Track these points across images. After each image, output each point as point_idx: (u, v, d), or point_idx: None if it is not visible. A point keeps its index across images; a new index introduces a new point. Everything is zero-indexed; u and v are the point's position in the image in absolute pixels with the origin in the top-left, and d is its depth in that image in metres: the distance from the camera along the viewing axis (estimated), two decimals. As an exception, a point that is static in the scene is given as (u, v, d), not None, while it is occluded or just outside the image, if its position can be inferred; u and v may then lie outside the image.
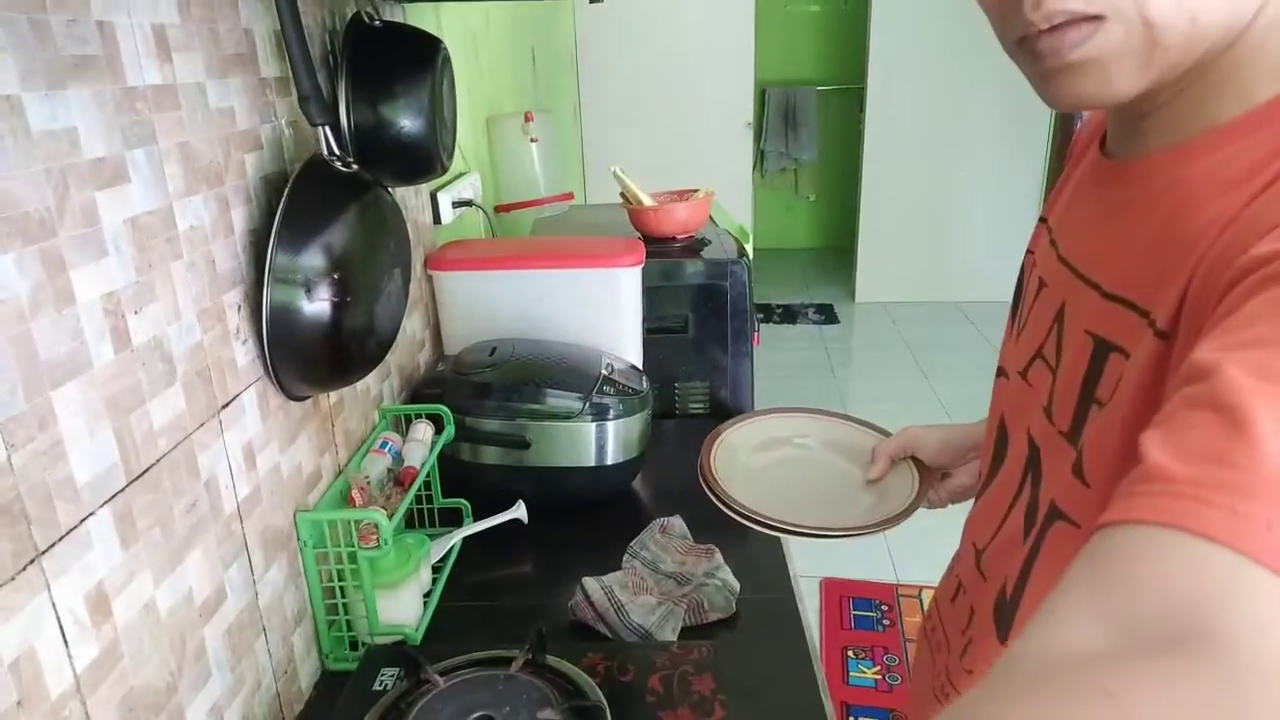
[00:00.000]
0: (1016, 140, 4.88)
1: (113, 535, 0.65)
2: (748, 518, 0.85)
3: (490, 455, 1.26)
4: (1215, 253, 0.47)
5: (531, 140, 2.23)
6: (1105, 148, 0.64)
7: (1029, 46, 0.54)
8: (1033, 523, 0.63)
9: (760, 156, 6.02)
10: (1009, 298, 0.78)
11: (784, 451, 0.99)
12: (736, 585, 1.08)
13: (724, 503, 0.87)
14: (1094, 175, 0.65)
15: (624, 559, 1.16)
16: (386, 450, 1.12)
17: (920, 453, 0.95)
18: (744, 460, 0.96)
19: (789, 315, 5.15)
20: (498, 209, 2.19)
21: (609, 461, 1.27)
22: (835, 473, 0.95)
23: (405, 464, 1.12)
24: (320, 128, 0.91)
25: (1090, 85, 0.54)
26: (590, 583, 1.05)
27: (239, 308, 0.85)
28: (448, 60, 1.20)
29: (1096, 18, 0.50)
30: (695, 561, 1.15)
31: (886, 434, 0.97)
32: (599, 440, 1.26)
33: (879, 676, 2.29)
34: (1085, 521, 0.55)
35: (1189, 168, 0.54)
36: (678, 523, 1.24)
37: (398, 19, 1.32)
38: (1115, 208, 0.60)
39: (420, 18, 1.56)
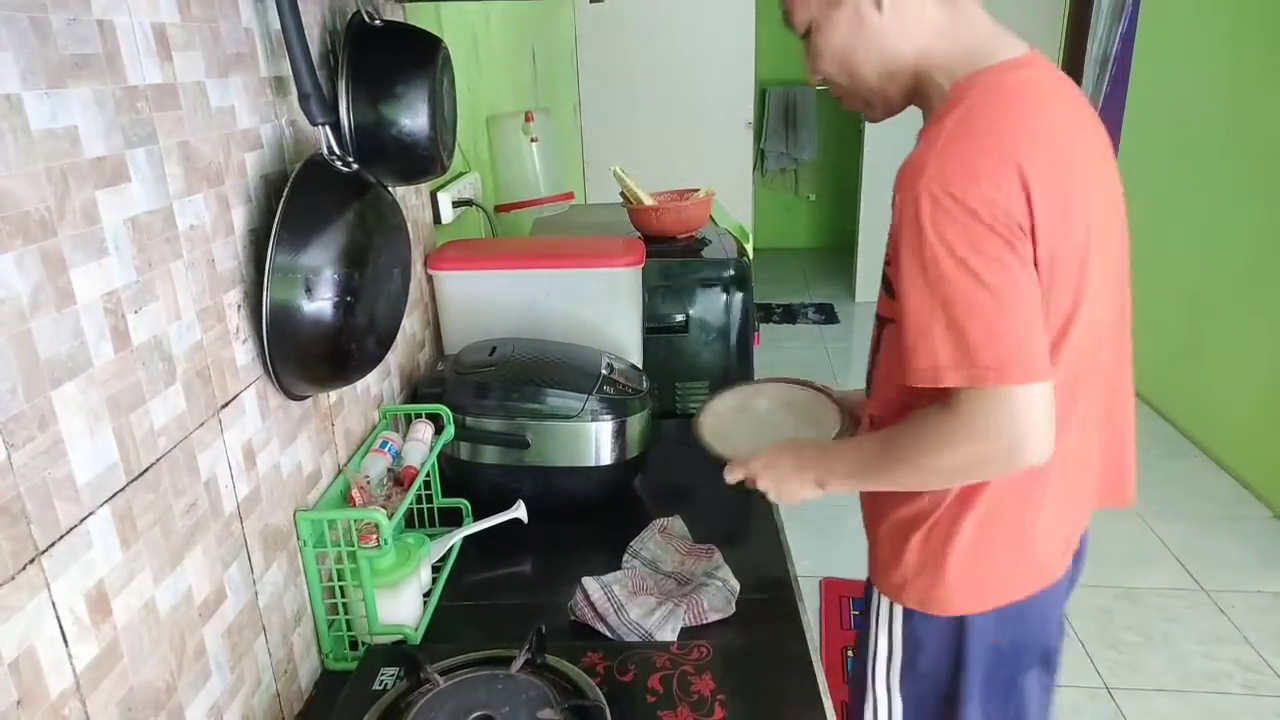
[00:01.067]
0: (1016, 140, 4.87)
1: (112, 535, 0.65)
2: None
3: (490, 455, 1.26)
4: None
5: (531, 140, 2.23)
6: None
7: None
8: (879, 329, 1.01)
9: (760, 156, 6.02)
10: None
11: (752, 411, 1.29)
12: (736, 585, 1.08)
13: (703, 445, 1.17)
14: None
15: (624, 559, 1.16)
16: (386, 450, 1.12)
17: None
18: (726, 418, 1.24)
19: (789, 315, 5.15)
20: (498, 208, 2.19)
21: (609, 461, 1.27)
22: (786, 426, 1.23)
23: (405, 464, 1.12)
24: (320, 127, 0.91)
25: (866, 113, 1.00)
26: (590, 583, 1.05)
27: (239, 307, 0.85)
28: (448, 59, 1.20)
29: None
30: (695, 561, 1.15)
31: (827, 392, 1.25)
32: (599, 440, 1.26)
33: (878, 676, 2.28)
34: (894, 316, 0.89)
35: (912, 154, 0.85)
36: (677, 523, 1.24)
37: (398, 18, 1.32)
38: None
39: (420, 17, 1.56)
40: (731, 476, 1.09)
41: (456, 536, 1.15)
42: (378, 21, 1.13)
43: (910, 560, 1.00)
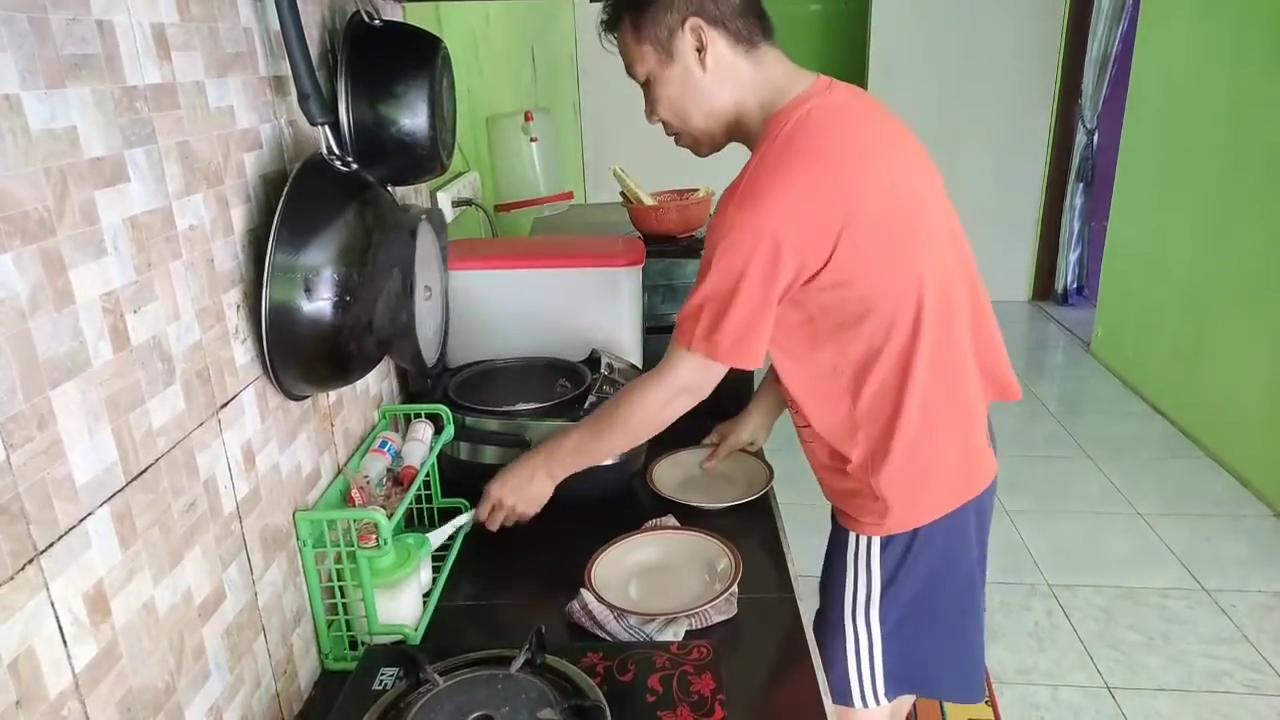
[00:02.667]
0: (1016, 140, 4.88)
1: (111, 535, 0.64)
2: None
3: (490, 455, 1.26)
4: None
5: (531, 139, 2.23)
6: None
7: None
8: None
9: (760, 156, 6.01)
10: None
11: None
12: (735, 586, 1.08)
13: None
14: None
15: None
16: (386, 450, 1.12)
17: (757, 442, 1.47)
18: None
19: (788, 315, 5.14)
20: (497, 208, 2.19)
21: (609, 462, 1.27)
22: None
23: (405, 464, 1.12)
24: (320, 127, 0.91)
25: (694, 150, 1.19)
26: (587, 595, 1.04)
27: (238, 307, 0.85)
28: (447, 59, 1.20)
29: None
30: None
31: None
32: (598, 440, 1.25)
33: (878, 676, 2.28)
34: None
35: (736, 180, 1.06)
36: (670, 523, 1.24)
37: (398, 18, 1.32)
38: None
39: (420, 17, 1.56)
40: (482, 515, 1.20)
41: (447, 528, 1.15)
42: (377, 21, 1.13)
43: (864, 493, 1.14)
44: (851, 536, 1.18)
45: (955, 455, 1.16)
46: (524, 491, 1.18)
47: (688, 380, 1.08)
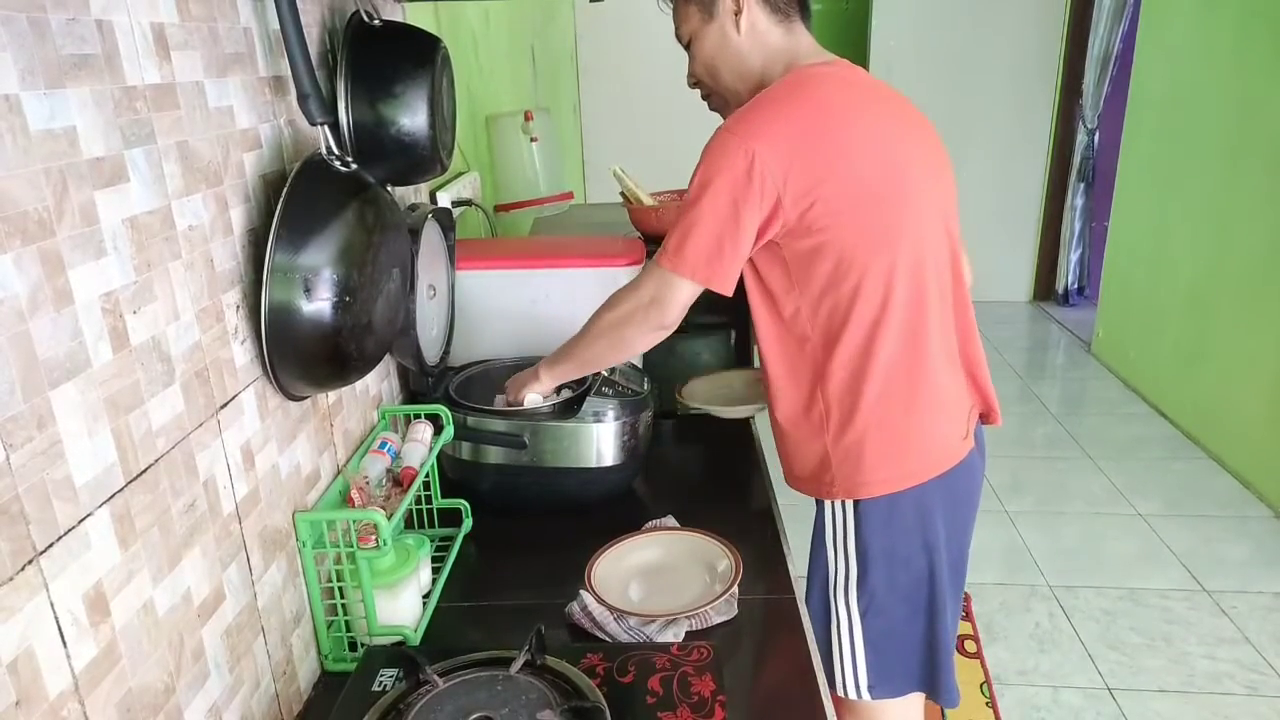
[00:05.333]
0: (1017, 140, 4.88)
1: (111, 535, 0.64)
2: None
3: (490, 455, 1.26)
4: None
5: (531, 139, 2.23)
6: None
7: None
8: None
9: (761, 156, 6.01)
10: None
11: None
12: (735, 587, 1.08)
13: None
14: None
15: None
16: (385, 450, 1.12)
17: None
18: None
19: (789, 315, 5.14)
20: (497, 208, 2.19)
21: (609, 462, 1.27)
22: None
23: (404, 464, 1.12)
24: (319, 127, 0.91)
25: (722, 112, 1.24)
26: (586, 596, 1.04)
27: (238, 307, 0.85)
28: (447, 59, 1.20)
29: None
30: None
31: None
32: (599, 440, 1.26)
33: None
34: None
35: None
36: (670, 523, 1.23)
37: (397, 18, 1.32)
38: None
39: (420, 16, 1.56)
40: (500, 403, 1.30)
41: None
42: (377, 21, 1.13)
43: (831, 462, 1.18)
44: (827, 514, 1.22)
45: (911, 425, 1.17)
46: (516, 384, 1.28)
47: (655, 292, 1.12)
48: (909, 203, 1.12)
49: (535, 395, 1.26)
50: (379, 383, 1.27)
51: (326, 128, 0.91)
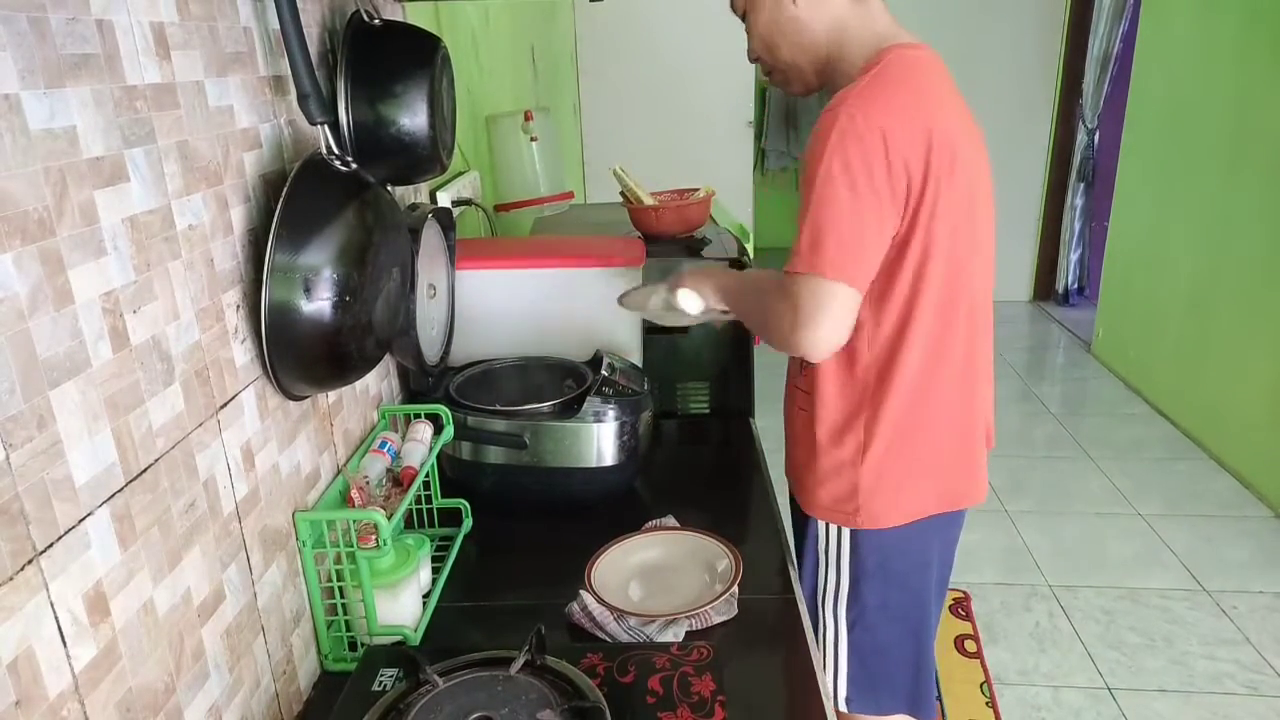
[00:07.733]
0: (1017, 140, 4.88)
1: (111, 535, 0.64)
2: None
3: (490, 455, 1.26)
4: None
5: (531, 139, 2.23)
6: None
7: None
8: None
9: (761, 155, 6.02)
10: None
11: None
12: (736, 587, 1.08)
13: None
14: None
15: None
16: (385, 450, 1.12)
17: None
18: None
19: (789, 315, 5.14)
20: (497, 208, 2.19)
21: (609, 462, 1.27)
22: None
23: (404, 464, 1.12)
24: (319, 126, 0.91)
25: (785, 88, 1.20)
26: (586, 596, 1.04)
27: (238, 307, 0.85)
28: (447, 59, 1.20)
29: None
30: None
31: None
32: (599, 440, 1.26)
33: (879, 677, 2.28)
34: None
35: (833, 100, 1.04)
36: (670, 523, 1.23)
37: (397, 18, 1.32)
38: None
39: (420, 16, 1.56)
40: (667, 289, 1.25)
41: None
42: (377, 21, 1.13)
43: (845, 479, 1.15)
44: (820, 526, 1.20)
45: (946, 461, 1.15)
46: (699, 281, 1.20)
47: (804, 304, 1.01)
48: (980, 223, 1.10)
49: (695, 302, 1.20)
50: (379, 382, 1.27)
51: (326, 127, 0.91)
